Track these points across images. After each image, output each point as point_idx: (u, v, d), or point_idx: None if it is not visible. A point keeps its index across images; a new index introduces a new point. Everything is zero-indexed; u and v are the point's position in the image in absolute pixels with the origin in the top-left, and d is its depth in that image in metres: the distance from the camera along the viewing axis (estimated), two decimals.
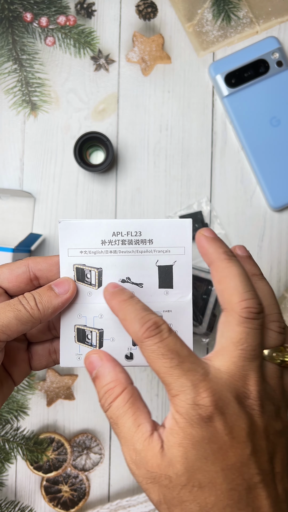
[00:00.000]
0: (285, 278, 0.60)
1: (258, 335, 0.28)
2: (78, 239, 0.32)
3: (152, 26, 0.61)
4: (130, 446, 0.27)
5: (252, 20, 0.60)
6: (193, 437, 0.25)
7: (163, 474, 0.25)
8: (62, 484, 0.59)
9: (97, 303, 0.33)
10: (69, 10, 0.60)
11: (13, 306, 0.31)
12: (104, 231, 0.32)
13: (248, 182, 0.61)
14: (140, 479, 0.26)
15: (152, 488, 0.26)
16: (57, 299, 0.32)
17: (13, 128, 0.61)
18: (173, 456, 0.25)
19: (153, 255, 0.33)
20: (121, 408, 0.28)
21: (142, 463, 0.26)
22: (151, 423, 0.27)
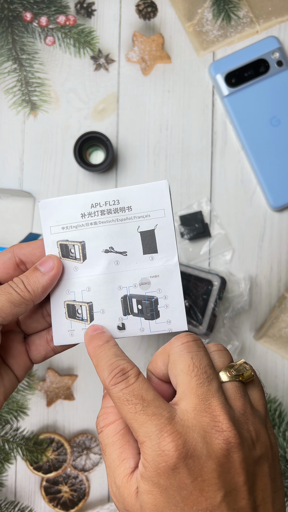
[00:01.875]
0: (285, 278, 0.60)
1: (203, 356, 0.27)
2: (59, 215, 0.33)
3: (152, 25, 0.61)
4: (111, 478, 0.27)
5: (252, 20, 0.60)
6: (161, 485, 0.24)
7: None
8: (62, 485, 0.59)
9: (84, 276, 0.33)
10: (69, 9, 0.60)
11: (4, 290, 0.32)
12: (83, 204, 0.33)
13: (248, 182, 0.60)
14: (119, 508, 0.27)
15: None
16: (44, 277, 0.33)
17: (13, 128, 0.61)
18: (143, 502, 0.25)
19: (133, 221, 0.33)
20: (111, 437, 0.28)
21: (120, 498, 0.26)
22: (135, 460, 0.27)
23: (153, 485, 0.24)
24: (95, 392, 0.60)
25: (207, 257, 0.60)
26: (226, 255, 0.60)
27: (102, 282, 0.33)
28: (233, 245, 0.60)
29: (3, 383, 0.35)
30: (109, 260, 0.33)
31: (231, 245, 0.60)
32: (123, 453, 0.27)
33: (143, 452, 0.25)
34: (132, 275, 0.34)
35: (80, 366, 0.60)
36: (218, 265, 0.60)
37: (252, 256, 0.60)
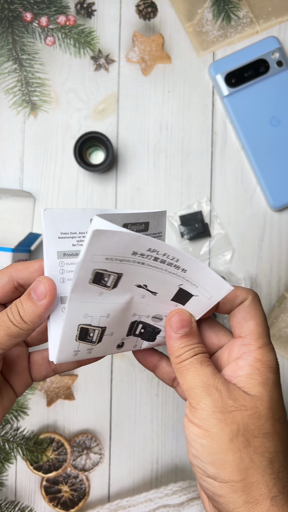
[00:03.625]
0: (285, 278, 0.60)
1: None
2: (109, 246, 0.29)
3: (152, 26, 0.61)
4: (211, 382, 0.30)
5: (252, 20, 0.60)
6: (273, 381, 0.30)
7: (249, 405, 0.29)
8: (62, 484, 0.59)
9: (107, 303, 0.31)
10: (69, 10, 0.60)
11: (3, 323, 0.31)
12: (140, 245, 0.29)
13: (248, 182, 0.60)
14: (218, 409, 0.29)
15: (232, 417, 0.29)
16: (38, 307, 0.31)
17: (13, 128, 0.61)
18: (258, 392, 0.30)
19: (180, 279, 0.31)
20: (205, 358, 0.31)
21: (224, 394, 0.29)
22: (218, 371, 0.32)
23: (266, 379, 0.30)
24: (95, 392, 0.60)
25: (207, 257, 0.60)
26: (226, 255, 0.60)
27: (122, 310, 0.32)
28: (233, 245, 0.60)
29: (2, 402, 0.35)
30: (137, 293, 0.32)
31: (231, 245, 0.60)
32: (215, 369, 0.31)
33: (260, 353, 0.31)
34: (150, 309, 0.33)
35: None
36: (218, 265, 0.60)
37: (252, 256, 0.60)
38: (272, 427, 0.29)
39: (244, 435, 0.28)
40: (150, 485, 0.60)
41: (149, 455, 0.60)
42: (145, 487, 0.60)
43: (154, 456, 0.60)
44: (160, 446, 0.60)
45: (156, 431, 0.60)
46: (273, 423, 0.29)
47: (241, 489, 0.28)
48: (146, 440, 0.60)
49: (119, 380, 0.60)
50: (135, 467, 0.60)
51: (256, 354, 0.31)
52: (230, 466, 0.28)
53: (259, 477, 0.28)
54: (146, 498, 0.56)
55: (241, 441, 0.28)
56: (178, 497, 0.55)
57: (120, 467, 0.60)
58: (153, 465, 0.60)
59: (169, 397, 0.60)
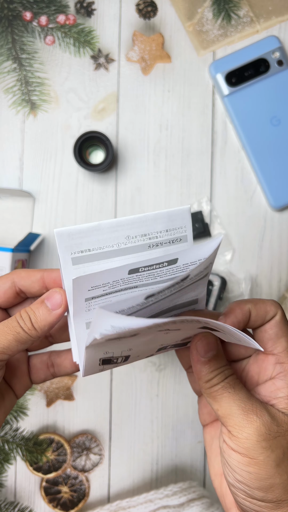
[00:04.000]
0: (285, 278, 0.60)
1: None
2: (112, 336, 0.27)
3: (152, 25, 0.61)
4: (249, 408, 0.30)
5: (252, 19, 0.60)
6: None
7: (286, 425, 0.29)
8: (61, 485, 0.59)
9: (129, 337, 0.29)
10: (69, 9, 0.60)
11: (13, 329, 0.32)
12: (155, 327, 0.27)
13: (248, 182, 0.60)
14: (263, 437, 0.29)
15: (277, 443, 0.29)
16: (51, 315, 0.32)
17: (12, 128, 0.61)
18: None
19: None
20: (236, 381, 0.31)
21: (267, 419, 0.29)
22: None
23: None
24: (95, 392, 0.60)
25: None
26: (227, 255, 0.60)
27: (145, 343, 0.31)
28: (233, 245, 0.60)
29: (4, 403, 0.36)
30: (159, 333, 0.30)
31: (231, 245, 0.60)
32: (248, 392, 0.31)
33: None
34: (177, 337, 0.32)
35: None
36: (218, 265, 0.60)
37: (252, 256, 0.60)
38: None
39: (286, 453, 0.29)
40: (150, 486, 0.60)
41: (149, 456, 0.60)
42: (145, 488, 0.60)
43: (154, 456, 0.60)
44: (160, 447, 0.60)
45: (156, 432, 0.60)
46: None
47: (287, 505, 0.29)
48: (146, 441, 0.60)
49: (119, 380, 0.60)
50: (135, 467, 0.60)
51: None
52: (278, 489, 0.28)
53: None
54: (146, 499, 0.56)
55: (287, 464, 0.29)
56: (178, 498, 0.55)
57: (120, 467, 0.60)
58: (153, 465, 0.60)
59: (169, 398, 0.60)
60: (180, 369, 0.60)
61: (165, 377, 0.60)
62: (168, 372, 0.60)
